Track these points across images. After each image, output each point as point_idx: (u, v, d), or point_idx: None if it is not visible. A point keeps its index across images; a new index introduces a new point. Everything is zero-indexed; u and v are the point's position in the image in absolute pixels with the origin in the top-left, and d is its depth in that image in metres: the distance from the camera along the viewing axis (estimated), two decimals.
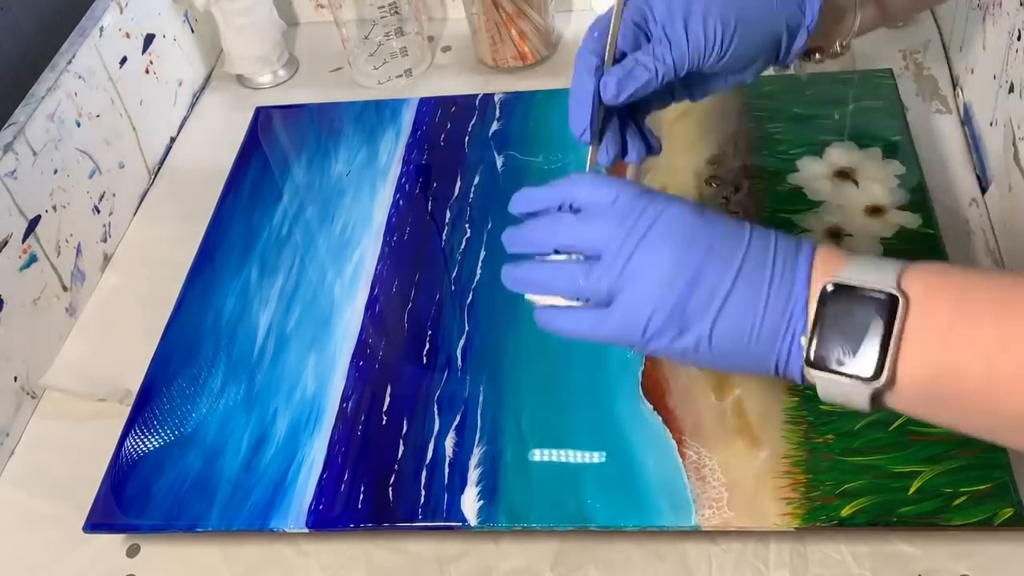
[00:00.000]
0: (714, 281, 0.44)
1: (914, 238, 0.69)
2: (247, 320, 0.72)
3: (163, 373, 0.69)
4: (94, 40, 0.81)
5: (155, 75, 0.90)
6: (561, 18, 0.98)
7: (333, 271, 0.75)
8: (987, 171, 0.74)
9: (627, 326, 0.46)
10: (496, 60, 0.93)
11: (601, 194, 0.48)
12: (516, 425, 0.63)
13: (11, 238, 0.70)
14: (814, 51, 0.60)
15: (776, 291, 0.44)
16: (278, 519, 0.60)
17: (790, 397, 0.61)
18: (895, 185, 0.72)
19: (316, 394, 0.66)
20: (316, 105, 0.90)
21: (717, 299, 0.44)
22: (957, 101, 0.82)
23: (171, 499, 0.62)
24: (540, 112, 0.84)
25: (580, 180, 0.50)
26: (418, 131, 0.85)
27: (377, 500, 0.60)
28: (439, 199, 0.79)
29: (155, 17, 0.91)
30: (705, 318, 0.44)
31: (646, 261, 0.46)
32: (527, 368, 0.66)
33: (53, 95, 0.75)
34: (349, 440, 0.63)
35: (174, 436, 0.65)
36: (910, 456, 0.57)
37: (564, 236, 0.49)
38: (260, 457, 0.63)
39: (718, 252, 0.45)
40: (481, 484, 0.60)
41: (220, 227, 0.79)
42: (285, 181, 0.83)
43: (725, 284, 0.44)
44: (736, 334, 0.44)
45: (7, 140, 0.71)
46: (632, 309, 0.46)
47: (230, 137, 0.88)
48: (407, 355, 0.68)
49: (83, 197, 0.79)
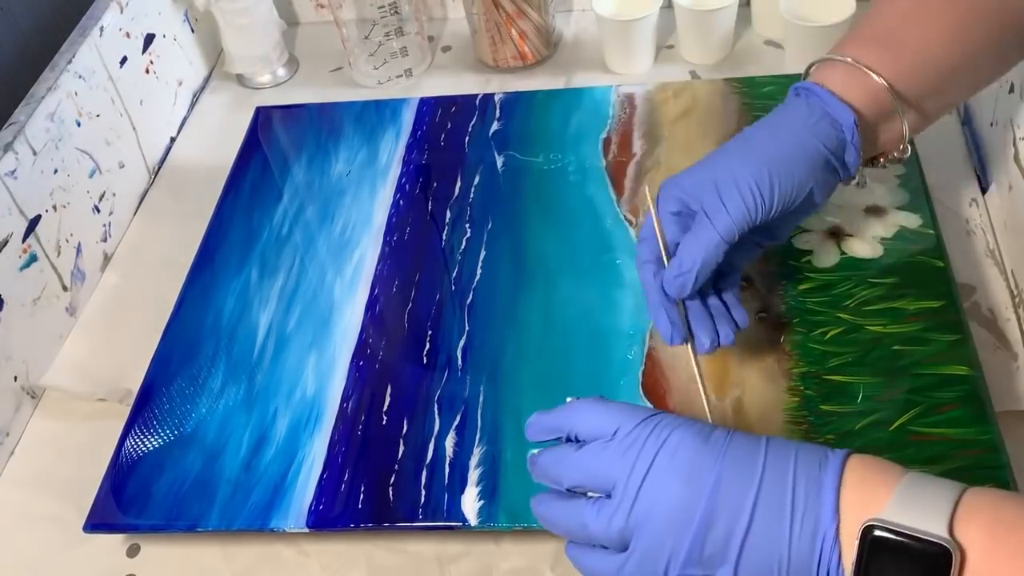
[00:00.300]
0: (729, 519, 0.41)
1: (914, 238, 0.69)
2: (247, 320, 0.72)
3: (163, 373, 0.69)
4: (94, 40, 0.81)
5: (155, 75, 0.90)
6: (561, 18, 0.98)
7: (333, 271, 0.75)
8: (987, 171, 0.74)
9: (645, 574, 0.43)
10: (496, 60, 0.93)
11: (601, 426, 0.46)
12: (516, 425, 0.62)
13: (11, 238, 0.70)
14: (876, 159, 0.60)
15: (800, 525, 0.41)
16: (278, 519, 0.60)
17: (791, 397, 0.61)
18: (895, 185, 0.72)
19: (316, 394, 0.66)
20: (316, 105, 0.90)
21: (736, 538, 0.41)
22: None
23: (171, 499, 0.62)
24: (540, 112, 0.84)
25: (579, 409, 0.47)
26: (418, 131, 0.85)
27: (377, 500, 0.60)
28: (439, 199, 0.79)
29: (155, 17, 0.91)
30: (727, 560, 0.41)
31: (653, 502, 0.43)
32: (527, 368, 0.66)
33: (53, 95, 0.75)
34: (349, 440, 0.63)
35: (174, 436, 0.65)
36: (910, 456, 0.57)
37: (571, 476, 0.46)
38: (260, 457, 0.63)
39: (729, 484, 0.42)
40: (481, 484, 0.60)
41: (220, 227, 0.79)
42: (285, 181, 0.83)
43: (742, 521, 0.41)
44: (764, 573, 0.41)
45: (7, 140, 0.71)
46: (647, 556, 0.43)
47: (230, 137, 0.88)
48: (407, 355, 0.68)
49: (83, 197, 0.79)
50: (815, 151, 0.55)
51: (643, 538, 0.43)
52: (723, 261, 0.56)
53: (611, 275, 0.70)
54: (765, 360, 0.63)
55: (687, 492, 0.42)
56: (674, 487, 0.43)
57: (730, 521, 0.41)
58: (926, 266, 0.67)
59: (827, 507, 0.40)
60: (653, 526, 0.43)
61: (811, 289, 0.67)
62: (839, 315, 0.65)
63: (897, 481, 0.40)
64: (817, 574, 0.40)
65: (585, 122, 0.83)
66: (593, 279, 0.70)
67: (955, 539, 0.37)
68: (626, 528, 0.43)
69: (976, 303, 0.67)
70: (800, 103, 0.56)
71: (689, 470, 0.43)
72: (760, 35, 0.93)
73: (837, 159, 0.56)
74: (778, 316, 0.66)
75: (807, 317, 0.65)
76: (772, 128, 0.57)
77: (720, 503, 0.42)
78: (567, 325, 0.68)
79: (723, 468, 0.42)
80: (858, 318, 0.64)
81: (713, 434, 0.44)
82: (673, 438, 0.44)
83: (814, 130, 0.55)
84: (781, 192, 0.54)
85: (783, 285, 0.67)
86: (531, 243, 0.74)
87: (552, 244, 0.73)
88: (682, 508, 0.42)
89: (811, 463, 0.42)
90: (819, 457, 0.42)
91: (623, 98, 0.84)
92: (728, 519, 0.42)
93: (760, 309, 0.66)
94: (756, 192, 0.54)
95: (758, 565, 0.41)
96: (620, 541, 0.44)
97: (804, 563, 0.40)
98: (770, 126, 0.57)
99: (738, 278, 0.61)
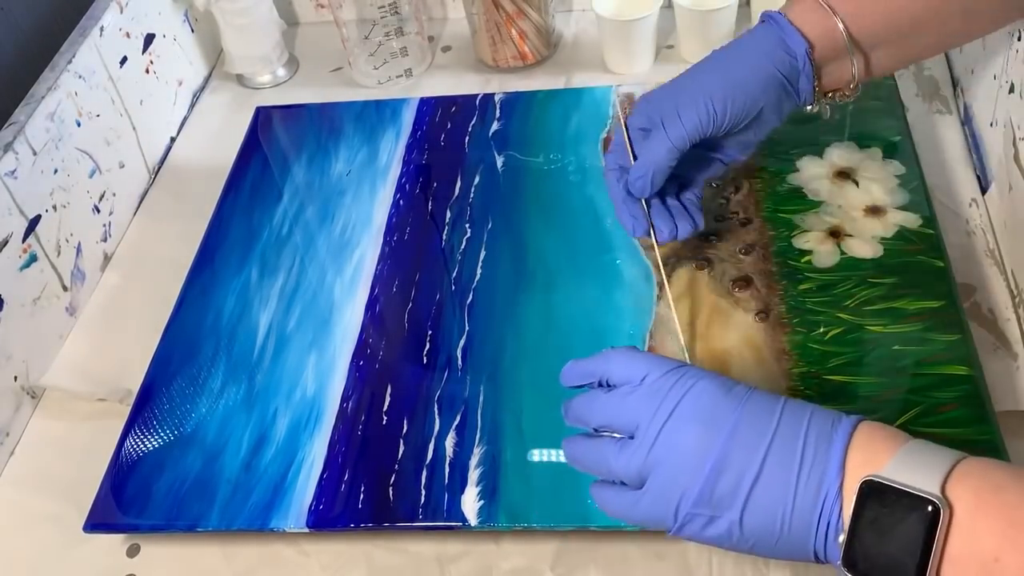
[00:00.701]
0: (741, 466, 0.43)
1: (914, 238, 0.69)
2: (247, 320, 0.72)
3: (163, 373, 0.69)
4: (94, 40, 0.81)
5: (155, 75, 0.90)
6: (561, 18, 0.98)
7: (333, 271, 0.75)
8: (987, 171, 0.74)
9: (658, 511, 0.45)
10: (496, 60, 0.93)
11: (632, 372, 0.48)
12: (516, 425, 0.62)
13: (11, 238, 0.70)
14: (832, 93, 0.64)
15: (806, 477, 0.43)
16: (278, 519, 0.60)
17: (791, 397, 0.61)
18: (895, 185, 0.72)
19: (316, 394, 0.66)
20: (316, 105, 0.90)
21: (745, 484, 0.43)
22: (957, 101, 0.82)
23: (171, 499, 0.62)
24: (540, 112, 0.84)
25: (614, 356, 0.50)
26: (418, 131, 0.85)
27: (377, 500, 0.60)
28: (439, 199, 0.79)
29: (155, 17, 0.91)
30: (734, 505, 0.43)
31: (672, 444, 0.45)
32: (527, 368, 0.66)
33: (53, 95, 0.75)
34: (349, 440, 0.63)
35: (174, 436, 0.65)
36: None
37: (599, 417, 0.49)
38: (260, 457, 0.63)
39: (744, 433, 0.44)
40: (481, 484, 0.60)
41: (220, 227, 0.79)
42: (285, 181, 0.83)
43: (752, 469, 0.43)
44: (767, 522, 0.43)
45: (7, 140, 0.71)
46: (661, 494, 0.45)
47: (230, 137, 0.88)
48: (407, 355, 0.68)
49: (83, 197, 0.79)
50: (769, 73, 0.60)
51: (658, 477, 0.45)
52: (687, 173, 0.64)
53: (611, 275, 0.70)
54: (765, 360, 0.63)
55: (704, 437, 0.44)
56: (692, 431, 0.45)
57: (741, 468, 0.43)
58: (926, 266, 0.67)
59: (834, 463, 0.42)
60: (669, 466, 0.45)
61: (811, 289, 0.67)
62: (839, 315, 0.65)
63: (900, 445, 0.42)
64: (817, 527, 0.42)
65: (585, 122, 0.83)
66: (593, 279, 0.70)
67: (945, 497, 0.39)
68: (644, 467, 0.46)
69: (976, 303, 0.67)
70: (762, 29, 0.61)
71: (708, 417, 0.45)
72: None
73: (791, 83, 0.61)
74: (778, 316, 0.66)
75: (807, 317, 0.65)
76: (734, 51, 0.62)
77: (734, 450, 0.44)
78: (567, 325, 0.68)
79: (740, 418, 0.45)
80: (858, 318, 0.64)
81: (735, 388, 0.46)
82: (697, 387, 0.46)
83: (770, 55, 0.60)
84: (733, 108, 0.60)
85: (783, 285, 0.67)
86: (531, 243, 0.74)
87: (552, 244, 0.73)
88: (697, 451, 0.44)
89: (824, 422, 0.44)
90: (832, 418, 0.44)
91: (623, 98, 0.84)
92: (740, 466, 0.44)
93: (760, 309, 0.66)
94: (710, 106, 0.60)
95: (763, 512, 0.43)
96: (638, 478, 0.46)
97: (806, 515, 0.42)
98: (732, 49, 0.62)
99: (700, 188, 0.66)
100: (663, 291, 0.68)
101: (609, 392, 0.49)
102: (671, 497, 0.45)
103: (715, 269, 0.69)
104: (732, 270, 0.69)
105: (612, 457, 0.47)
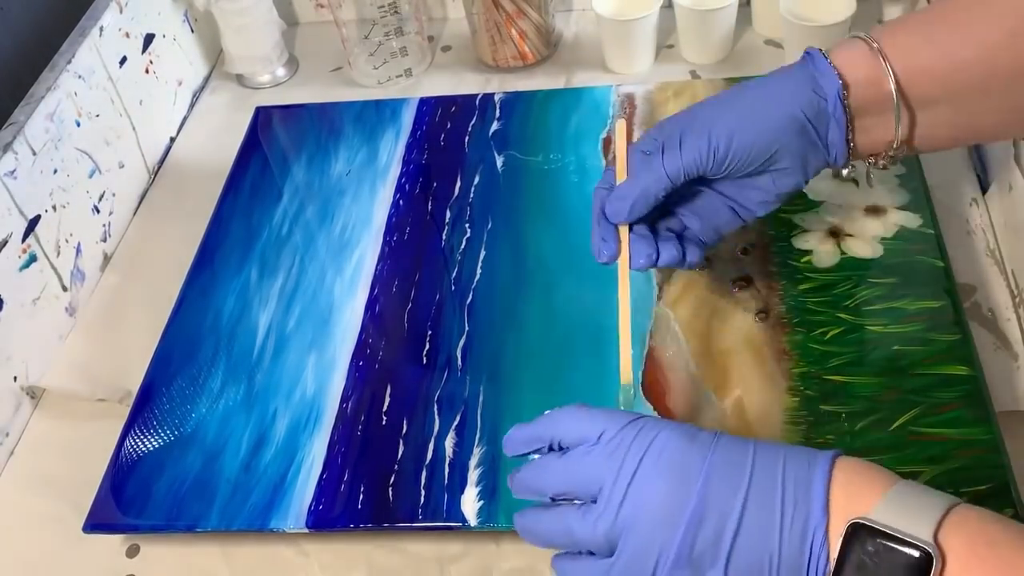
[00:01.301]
0: (719, 516, 0.41)
1: (914, 238, 0.69)
2: (247, 320, 0.72)
3: (163, 373, 0.69)
4: (94, 40, 0.81)
5: (155, 75, 0.90)
6: (561, 18, 0.98)
7: (333, 271, 0.75)
8: (987, 171, 0.74)
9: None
10: (496, 60, 0.93)
11: (585, 431, 0.45)
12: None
13: (11, 238, 0.70)
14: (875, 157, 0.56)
15: (790, 521, 0.40)
16: (278, 519, 0.60)
17: (791, 397, 0.61)
18: (895, 185, 0.72)
19: (316, 394, 0.66)
20: (316, 105, 0.90)
21: (727, 536, 0.41)
22: None
23: (171, 499, 0.62)
24: (540, 112, 0.84)
25: (562, 416, 0.46)
26: (418, 131, 0.85)
27: (377, 500, 0.60)
28: (439, 199, 0.79)
29: (155, 17, 0.91)
30: (718, 559, 0.41)
31: (641, 502, 0.42)
32: (527, 368, 0.66)
33: (53, 95, 0.75)
34: (349, 440, 0.63)
35: (174, 436, 0.65)
36: (910, 456, 0.57)
37: (555, 484, 0.45)
38: (260, 457, 0.63)
39: (718, 481, 0.41)
40: (481, 484, 0.60)
41: (220, 227, 0.79)
42: (285, 181, 0.83)
43: (732, 518, 0.41)
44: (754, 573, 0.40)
45: (7, 140, 0.71)
46: (635, 558, 0.42)
47: (230, 137, 0.88)
48: (407, 355, 0.68)
49: (83, 197, 0.79)
50: (788, 113, 0.53)
51: (631, 540, 0.42)
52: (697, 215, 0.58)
53: (611, 275, 0.70)
54: (765, 360, 0.63)
55: (675, 491, 0.42)
56: (662, 486, 0.42)
57: (720, 519, 0.41)
58: (926, 266, 0.67)
59: (817, 504, 0.40)
60: (641, 526, 0.42)
61: (811, 289, 0.67)
62: (839, 315, 0.65)
63: (887, 486, 0.40)
64: (807, 572, 0.40)
65: (585, 122, 0.83)
66: (593, 279, 0.70)
67: (938, 545, 0.37)
68: (613, 530, 0.43)
69: (976, 303, 0.67)
70: (797, 66, 0.55)
71: (677, 469, 0.42)
72: (760, 35, 0.93)
73: (816, 131, 0.54)
74: (778, 316, 0.66)
75: (807, 317, 0.65)
76: (758, 85, 0.55)
77: (710, 501, 0.41)
78: (567, 325, 0.68)
79: (711, 467, 0.42)
80: (858, 318, 0.64)
81: (700, 435, 0.44)
82: (659, 439, 0.43)
83: (796, 93, 0.53)
84: (739, 144, 0.53)
85: (783, 285, 0.67)
86: (531, 243, 0.74)
87: (552, 244, 0.73)
88: (670, 507, 0.41)
89: (800, 463, 0.42)
90: (807, 457, 0.42)
91: (623, 98, 0.84)
92: (718, 517, 0.41)
93: (760, 309, 0.66)
94: (713, 140, 0.53)
95: (748, 564, 0.41)
96: (607, 545, 0.43)
97: (795, 561, 0.40)
98: (758, 82, 0.56)
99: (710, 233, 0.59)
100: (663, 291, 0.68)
101: (563, 455, 0.45)
102: (647, 560, 0.41)
103: (715, 269, 0.69)
104: (732, 270, 0.69)
105: (576, 525, 0.44)
